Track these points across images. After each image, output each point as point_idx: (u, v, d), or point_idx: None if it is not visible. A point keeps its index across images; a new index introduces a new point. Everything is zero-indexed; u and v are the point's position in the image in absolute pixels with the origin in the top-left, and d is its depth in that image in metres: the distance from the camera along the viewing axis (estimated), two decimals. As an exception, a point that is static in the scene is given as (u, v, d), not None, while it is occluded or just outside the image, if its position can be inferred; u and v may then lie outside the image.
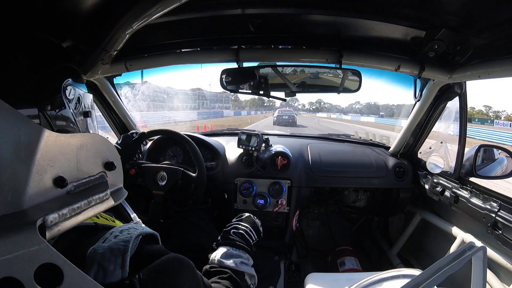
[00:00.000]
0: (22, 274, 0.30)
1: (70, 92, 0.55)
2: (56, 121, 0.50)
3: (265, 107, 49.78)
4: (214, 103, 36.75)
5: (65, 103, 0.53)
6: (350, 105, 56.19)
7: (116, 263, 0.42)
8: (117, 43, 0.74)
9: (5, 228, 0.31)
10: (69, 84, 0.55)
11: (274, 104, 47.23)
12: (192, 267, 0.50)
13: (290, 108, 30.96)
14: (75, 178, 0.43)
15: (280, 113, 18.61)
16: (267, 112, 38.47)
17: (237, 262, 0.76)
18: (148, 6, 0.62)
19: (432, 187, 1.47)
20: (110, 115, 1.66)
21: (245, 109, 48.11)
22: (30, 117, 0.46)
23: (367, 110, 48.63)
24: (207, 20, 1.04)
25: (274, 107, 45.41)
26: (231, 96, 37.44)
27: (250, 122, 19.61)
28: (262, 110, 46.30)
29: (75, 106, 0.57)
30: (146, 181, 1.25)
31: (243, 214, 0.97)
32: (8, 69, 0.45)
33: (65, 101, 0.53)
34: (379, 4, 0.92)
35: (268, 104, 49.67)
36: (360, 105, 53.39)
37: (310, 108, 56.38)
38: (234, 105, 48.31)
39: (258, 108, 50.60)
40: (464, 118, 1.28)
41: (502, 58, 0.91)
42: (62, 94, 0.53)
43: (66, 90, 0.54)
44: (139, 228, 0.50)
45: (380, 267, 1.85)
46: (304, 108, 54.86)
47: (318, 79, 1.30)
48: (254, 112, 44.04)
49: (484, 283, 0.59)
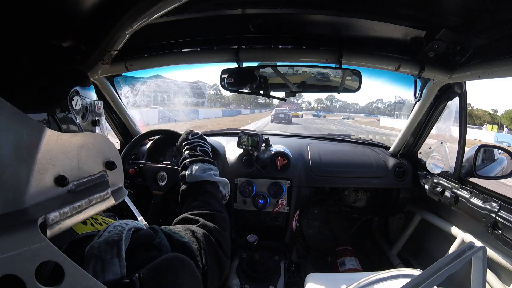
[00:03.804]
0: (24, 271, 0.30)
1: (77, 102, 0.54)
2: (63, 124, 0.50)
3: (261, 105, 45.32)
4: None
5: (72, 109, 0.53)
6: (370, 104, 52.02)
7: (112, 252, 0.42)
8: (117, 43, 0.74)
9: (6, 226, 0.31)
10: (76, 92, 0.54)
11: (272, 101, 43.52)
12: (192, 266, 0.50)
13: (293, 106, 30.80)
14: (76, 177, 0.43)
15: (276, 112, 20.76)
16: (266, 110, 35.23)
17: (211, 174, 0.88)
18: (148, 6, 0.62)
19: (432, 187, 1.48)
20: (110, 115, 1.66)
21: (231, 107, 41.49)
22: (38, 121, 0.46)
23: (386, 110, 44.97)
24: (207, 20, 1.04)
25: (272, 105, 41.93)
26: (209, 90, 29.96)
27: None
28: (260, 108, 41.70)
29: (83, 114, 0.56)
30: (146, 181, 1.25)
31: (197, 133, 1.06)
32: (13, 73, 0.45)
33: (72, 112, 0.53)
34: (379, 4, 0.92)
35: (265, 102, 45.32)
36: (384, 104, 49.15)
37: (318, 107, 50.96)
38: (217, 102, 41.42)
39: (253, 105, 44.99)
40: (464, 118, 1.29)
41: (502, 58, 0.91)
42: (69, 103, 0.52)
43: (73, 101, 0.53)
44: (130, 223, 0.51)
45: (380, 267, 1.85)
46: (310, 107, 48.85)
47: (319, 80, 1.31)
48: (249, 110, 38.32)
49: (484, 283, 0.59)
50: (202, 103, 28.65)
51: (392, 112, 39.33)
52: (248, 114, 29.44)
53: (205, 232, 0.63)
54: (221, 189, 0.90)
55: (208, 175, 0.88)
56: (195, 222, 0.67)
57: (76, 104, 0.54)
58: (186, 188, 0.85)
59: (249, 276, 1.36)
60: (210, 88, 38.47)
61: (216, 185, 0.88)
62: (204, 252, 0.59)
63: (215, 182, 0.88)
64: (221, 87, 1.26)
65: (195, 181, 0.86)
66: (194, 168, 0.87)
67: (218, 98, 43.23)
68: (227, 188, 0.92)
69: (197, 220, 0.67)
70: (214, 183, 0.88)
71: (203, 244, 0.60)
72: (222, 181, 0.90)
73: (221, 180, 0.90)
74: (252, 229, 1.52)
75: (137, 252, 0.46)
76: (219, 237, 0.66)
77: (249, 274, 1.36)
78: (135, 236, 0.48)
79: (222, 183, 0.90)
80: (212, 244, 0.63)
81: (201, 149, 0.98)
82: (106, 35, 0.70)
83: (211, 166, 0.91)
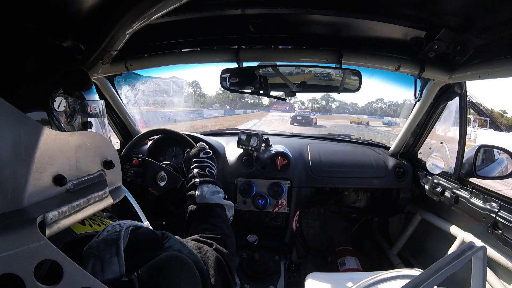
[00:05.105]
0: (23, 270, 0.30)
1: (77, 102, 0.54)
2: (62, 123, 0.50)
3: (250, 106, 39.63)
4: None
5: (74, 108, 0.53)
6: (369, 104, 46.87)
7: (111, 251, 0.42)
8: (117, 43, 0.74)
9: (5, 225, 0.31)
10: (77, 96, 0.54)
11: (262, 101, 40.34)
12: (190, 265, 0.50)
13: (286, 106, 30.02)
14: (74, 176, 0.43)
15: (296, 114, 20.93)
16: (258, 111, 31.49)
17: (220, 197, 0.90)
18: (148, 6, 0.62)
19: (432, 188, 1.47)
20: (110, 115, 1.66)
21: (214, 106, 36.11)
22: (38, 120, 0.46)
23: (390, 110, 40.93)
24: (207, 20, 1.04)
25: (261, 106, 38.64)
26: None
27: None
28: (246, 109, 35.63)
29: (82, 114, 0.56)
30: (147, 177, 1.25)
31: (209, 152, 1.06)
32: (13, 72, 0.45)
33: (72, 111, 0.53)
34: (379, 4, 0.92)
35: (253, 102, 40.19)
36: (385, 104, 44.98)
37: (313, 107, 45.62)
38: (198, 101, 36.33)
39: (240, 106, 38.60)
40: (464, 118, 1.29)
41: (502, 58, 0.91)
42: (69, 103, 0.52)
43: (73, 100, 0.53)
44: (128, 222, 0.51)
45: (380, 267, 1.85)
46: (304, 107, 42.73)
47: (322, 80, 1.30)
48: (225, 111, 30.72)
49: (484, 283, 0.59)
50: (173, 102, 25.10)
51: (396, 113, 35.31)
52: (225, 117, 24.32)
53: (217, 256, 0.64)
54: (227, 212, 0.90)
55: (218, 198, 0.88)
56: (209, 245, 0.68)
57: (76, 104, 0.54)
58: (196, 209, 0.85)
59: (249, 276, 1.36)
60: (188, 85, 34.72)
61: (224, 208, 0.89)
62: (215, 274, 0.59)
63: (223, 205, 0.89)
64: (221, 87, 1.26)
65: (205, 202, 0.86)
66: (205, 190, 0.88)
67: (199, 97, 39.59)
68: (232, 211, 0.92)
69: (210, 244, 0.68)
70: (222, 206, 0.88)
71: (215, 266, 0.61)
72: (228, 205, 0.91)
73: (227, 204, 0.90)
74: (252, 229, 1.52)
75: (139, 250, 0.47)
76: (230, 263, 0.67)
77: (249, 274, 1.36)
78: (134, 234, 0.48)
79: (228, 206, 0.91)
80: (223, 268, 0.64)
81: (209, 171, 0.98)
82: (107, 35, 0.70)
83: (219, 188, 0.92)
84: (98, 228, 0.51)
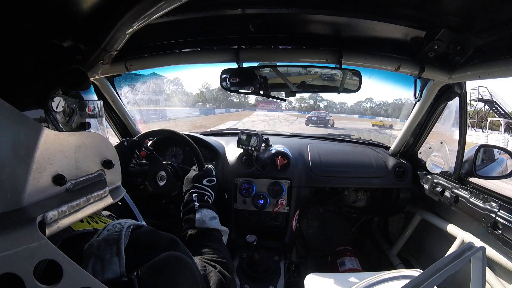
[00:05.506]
0: (22, 270, 0.30)
1: (76, 102, 0.54)
2: (60, 123, 0.50)
3: (234, 105, 37.37)
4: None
5: (72, 108, 0.53)
6: (358, 103, 45.94)
7: (112, 251, 0.42)
8: (117, 43, 0.74)
9: (5, 225, 0.31)
10: (75, 95, 0.54)
11: (248, 100, 38.58)
12: (190, 265, 0.50)
13: (272, 105, 29.28)
14: (74, 176, 0.43)
15: (311, 114, 20.80)
16: (243, 110, 29.64)
17: (218, 223, 0.94)
18: (148, 6, 0.62)
19: (432, 187, 1.47)
20: (110, 115, 1.67)
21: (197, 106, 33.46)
22: (36, 120, 0.46)
23: (380, 110, 39.89)
24: (207, 20, 1.04)
25: (247, 105, 37.22)
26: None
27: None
28: (230, 108, 33.85)
29: (81, 114, 0.56)
30: (148, 172, 1.24)
31: (213, 180, 1.07)
32: (13, 72, 0.45)
33: (70, 111, 0.52)
34: (379, 4, 0.92)
35: (239, 101, 38.20)
36: (374, 104, 44.11)
37: (301, 106, 43.69)
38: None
39: (224, 104, 36.37)
40: (464, 118, 1.28)
41: (502, 58, 0.91)
42: (68, 103, 0.52)
43: (72, 100, 0.53)
44: (129, 221, 0.51)
45: (380, 267, 1.85)
46: (291, 106, 41.17)
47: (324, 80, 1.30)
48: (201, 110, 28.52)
49: (483, 283, 0.59)
50: (156, 101, 22.89)
51: (386, 112, 34.65)
52: (197, 117, 22.62)
53: (221, 278, 0.65)
54: (223, 237, 0.94)
55: (216, 224, 0.92)
56: (213, 267, 0.69)
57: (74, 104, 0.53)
58: (196, 233, 0.88)
59: (249, 276, 1.36)
60: (169, 83, 32.89)
61: (221, 233, 0.93)
62: None
63: (220, 231, 0.92)
64: (221, 87, 1.26)
65: (204, 227, 0.90)
66: (205, 215, 0.92)
67: (181, 95, 37.54)
68: (226, 236, 0.96)
69: (214, 266, 0.69)
70: (219, 231, 0.92)
71: (217, 286, 0.63)
72: (224, 230, 0.94)
73: (223, 229, 0.94)
74: (252, 229, 1.52)
75: (139, 250, 0.46)
76: (231, 286, 0.69)
77: (249, 274, 1.36)
78: (135, 234, 0.48)
79: (224, 232, 0.94)
80: None
81: (207, 200, 1.01)
82: (106, 35, 0.70)
83: (215, 214, 0.96)
84: (96, 225, 0.51)
